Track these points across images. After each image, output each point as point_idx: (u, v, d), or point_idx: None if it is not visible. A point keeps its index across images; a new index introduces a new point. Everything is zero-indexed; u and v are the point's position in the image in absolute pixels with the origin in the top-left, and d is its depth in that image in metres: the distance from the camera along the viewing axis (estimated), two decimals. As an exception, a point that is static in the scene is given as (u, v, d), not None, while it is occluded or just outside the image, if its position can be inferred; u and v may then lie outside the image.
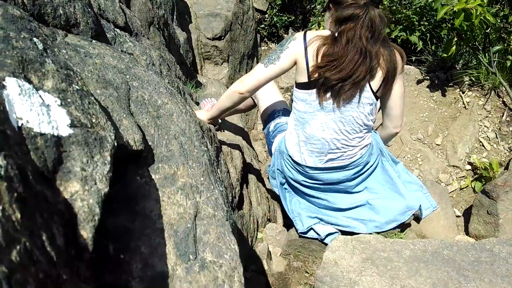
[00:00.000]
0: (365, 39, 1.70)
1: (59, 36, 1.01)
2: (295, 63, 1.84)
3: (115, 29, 1.42)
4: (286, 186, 2.35)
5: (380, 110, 2.07)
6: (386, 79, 1.82)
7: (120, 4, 1.70)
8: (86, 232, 0.60)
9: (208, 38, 5.08)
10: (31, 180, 0.52)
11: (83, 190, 0.63)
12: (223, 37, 5.21)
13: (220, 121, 2.42)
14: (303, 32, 1.83)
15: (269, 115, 2.32)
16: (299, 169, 2.13)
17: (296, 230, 2.30)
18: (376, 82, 1.82)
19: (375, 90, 1.84)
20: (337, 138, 1.94)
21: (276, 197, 2.95)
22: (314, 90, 1.85)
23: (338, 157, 2.01)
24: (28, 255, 0.43)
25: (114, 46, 1.29)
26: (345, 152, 1.99)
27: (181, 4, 4.95)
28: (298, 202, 2.32)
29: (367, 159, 2.04)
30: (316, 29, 4.15)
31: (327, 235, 2.19)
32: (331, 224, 2.22)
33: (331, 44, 1.73)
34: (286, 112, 2.28)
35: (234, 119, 3.07)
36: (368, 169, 2.08)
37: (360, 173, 2.08)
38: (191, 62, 4.20)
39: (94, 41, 1.13)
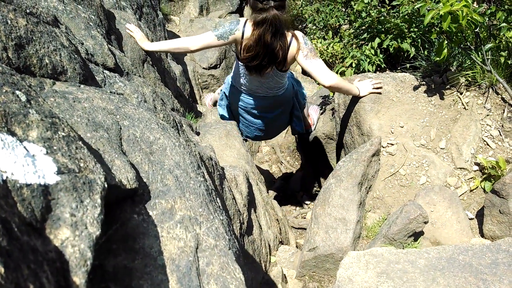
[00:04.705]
0: (268, 38, 2.56)
1: (47, 85, 1.03)
2: (234, 43, 2.77)
3: (104, 71, 1.45)
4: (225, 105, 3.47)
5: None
6: (284, 59, 2.71)
7: (109, 46, 1.73)
8: (79, 278, 0.60)
9: (204, 68, 5.16)
10: (16, 232, 0.52)
11: (73, 236, 0.63)
12: (218, 66, 5.29)
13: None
14: (244, 22, 2.67)
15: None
16: (238, 95, 3.17)
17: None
18: (279, 62, 2.73)
19: (279, 68, 2.80)
20: (261, 90, 3.03)
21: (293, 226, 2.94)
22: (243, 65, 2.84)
23: (261, 95, 3.09)
24: (13, 309, 0.43)
25: (104, 88, 1.31)
26: (266, 94, 3.08)
27: (175, 39, 5.03)
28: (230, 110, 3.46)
29: (282, 97, 3.14)
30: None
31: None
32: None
33: (249, 39, 2.61)
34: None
35: (236, 144, 3.08)
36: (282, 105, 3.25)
37: (278, 106, 3.22)
38: (189, 93, 4.25)
39: (82, 85, 1.15)
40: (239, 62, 2.87)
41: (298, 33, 2.71)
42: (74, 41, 1.43)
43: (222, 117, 3.53)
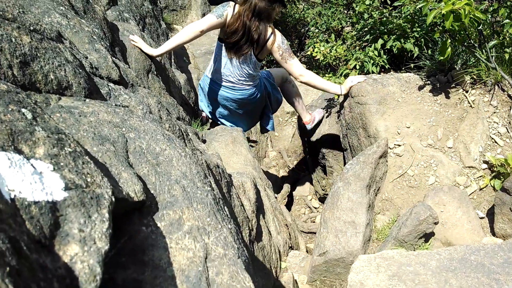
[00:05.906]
0: (247, 16, 2.81)
1: (53, 101, 1.04)
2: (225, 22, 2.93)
3: (109, 84, 1.46)
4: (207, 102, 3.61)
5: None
6: (260, 45, 2.95)
7: (113, 59, 1.75)
8: (89, 294, 0.60)
9: (208, 76, 5.17)
10: (26, 251, 0.53)
11: (82, 251, 0.64)
12: (222, 73, 5.30)
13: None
14: (234, 5, 2.89)
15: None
16: (211, 86, 3.34)
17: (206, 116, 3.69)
18: (256, 44, 2.95)
19: (256, 53, 3.01)
20: (232, 76, 3.17)
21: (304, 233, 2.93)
22: (224, 45, 3.05)
23: (231, 84, 3.24)
24: (24, 328, 0.44)
25: (109, 101, 1.32)
26: (236, 84, 3.22)
27: (178, 33, 5.05)
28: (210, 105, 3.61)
29: (250, 95, 3.30)
30: (311, 51, 4.20)
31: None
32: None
33: (232, 17, 2.86)
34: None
35: (242, 151, 3.08)
36: (249, 101, 3.36)
37: (243, 100, 3.34)
38: (194, 101, 4.26)
39: (87, 100, 1.16)
40: (222, 44, 3.09)
41: (277, 32, 2.99)
42: (79, 56, 1.44)
43: (207, 114, 3.70)
